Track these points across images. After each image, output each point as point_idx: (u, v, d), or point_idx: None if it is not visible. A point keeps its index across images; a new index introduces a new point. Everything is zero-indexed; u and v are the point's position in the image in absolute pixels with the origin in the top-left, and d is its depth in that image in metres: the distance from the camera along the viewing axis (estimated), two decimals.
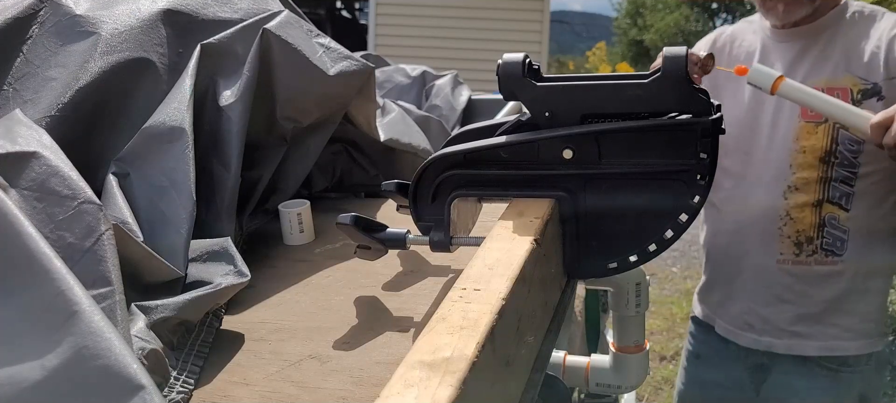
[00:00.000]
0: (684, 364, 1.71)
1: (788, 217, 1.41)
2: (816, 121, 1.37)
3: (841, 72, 1.37)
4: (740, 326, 1.52)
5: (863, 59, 1.35)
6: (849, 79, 1.36)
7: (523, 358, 0.54)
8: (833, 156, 1.37)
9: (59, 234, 0.53)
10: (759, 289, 1.47)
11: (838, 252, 1.39)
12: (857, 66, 1.35)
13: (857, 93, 1.35)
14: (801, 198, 1.39)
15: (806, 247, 1.41)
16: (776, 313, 1.46)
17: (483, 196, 0.75)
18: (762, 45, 1.50)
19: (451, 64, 3.24)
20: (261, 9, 0.92)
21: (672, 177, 0.67)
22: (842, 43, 1.39)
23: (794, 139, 1.40)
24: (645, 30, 21.31)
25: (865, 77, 1.34)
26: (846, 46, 1.38)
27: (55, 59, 0.80)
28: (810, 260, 1.41)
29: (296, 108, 0.89)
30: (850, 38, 1.38)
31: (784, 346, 1.46)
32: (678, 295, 4.53)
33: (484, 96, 1.95)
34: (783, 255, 1.43)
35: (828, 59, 1.39)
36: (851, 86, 1.35)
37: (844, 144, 1.35)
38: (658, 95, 0.65)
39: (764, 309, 1.47)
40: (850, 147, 1.35)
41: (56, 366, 0.42)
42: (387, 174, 1.09)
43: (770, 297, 1.46)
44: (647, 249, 0.70)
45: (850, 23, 1.40)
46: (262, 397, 0.55)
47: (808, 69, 1.41)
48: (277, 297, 0.73)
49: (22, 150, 0.58)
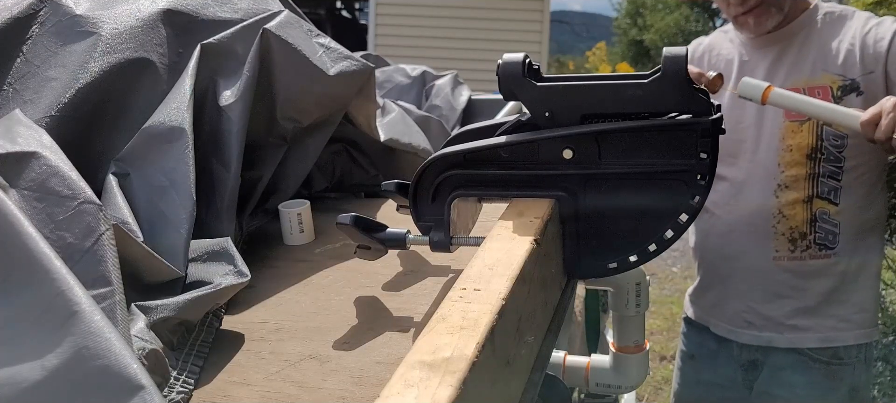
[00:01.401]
0: (679, 365, 1.73)
1: (781, 214, 1.45)
2: (800, 120, 1.41)
3: (819, 71, 1.41)
4: (739, 324, 1.54)
5: (838, 57, 1.39)
6: (827, 77, 1.40)
7: (523, 358, 0.54)
8: (819, 152, 1.41)
9: (59, 234, 0.53)
10: (757, 287, 1.50)
11: (831, 245, 1.43)
12: (834, 65, 1.40)
13: (836, 89, 1.39)
14: (791, 195, 1.42)
15: (800, 243, 1.44)
16: (775, 309, 1.48)
17: (483, 196, 0.75)
18: (739, 54, 1.54)
19: (451, 64, 3.24)
20: (261, 9, 0.92)
21: (672, 177, 0.67)
22: (816, 43, 1.44)
23: (780, 138, 1.43)
24: (645, 30, 21.30)
25: (843, 74, 1.38)
26: (821, 46, 1.43)
27: (55, 59, 0.80)
28: (805, 255, 1.44)
29: (296, 108, 0.89)
30: (824, 39, 1.44)
31: (785, 341, 1.48)
32: (678, 295, 4.53)
33: (484, 96, 1.95)
34: (779, 252, 1.46)
35: (805, 60, 1.44)
36: (830, 83, 1.39)
37: (829, 140, 1.40)
38: (658, 95, 0.65)
39: (762, 306, 1.50)
40: (835, 142, 1.39)
41: (56, 366, 0.42)
42: (387, 174, 1.09)
43: (768, 294, 1.49)
44: (647, 249, 0.70)
45: (822, 24, 1.45)
46: (262, 397, 0.55)
47: (787, 72, 1.45)
48: (277, 297, 0.73)
49: (22, 150, 0.58)
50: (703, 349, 1.63)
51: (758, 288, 1.49)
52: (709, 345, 1.61)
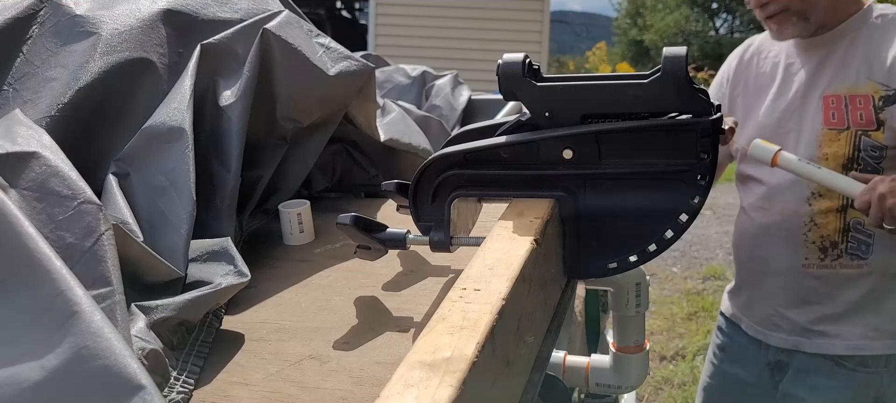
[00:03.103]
0: (710, 357, 1.74)
1: (813, 222, 1.42)
2: (838, 128, 1.37)
3: (863, 78, 1.36)
4: (768, 326, 1.54)
5: (885, 64, 1.33)
6: (870, 85, 1.35)
7: (523, 358, 0.54)
8: (855, 162, 1.36)
9: (59, 234, 0.53)
10: (785, 292, 1.49)
11: (863, 255, 1.40)
12: (879, 72, 1.34)
13: (878, 99, 1.34)
14: (825, 203, 1.40)
15: (831, 252, 1.42)
16: (802, 314, 1.47)
17: (483, 196, 0.75)
18: (786, 56, 1.51)
19: (451, 64, 3.24)
20: (261, 9, 0.92)
21: (672, 178, 0.67)
22: (863, 48, 1.38)
23: (816, 146, 1.40)
24: (645, 30, 21.30)
25: (886, 83, 1.33)
26: (868, 52, 1.37)
27: (55, 59, 0.80)
28: (835, 264, 1.42)
29: (296, 108, 0.89)
30: (873, 43, 1.37)
31: (813, 345, 1.47)
32: (678, 295, 4.53)
33: (484, 96, 1.95)
34: (808, 260, 1.44)
35: (849, 67, 1.38)
36: (873, 93, 1.35)
37: (867, 151, 1.35)
38: (658, 95, 0.65)
39: (790, 311, 1.49)
40: (873, 153, 1.35)
41: (56, 366, 0.42)
42: (387, 174, 1.09)
43: (796, 299, 1.47)
44: (647, 249, 0.70)
45: (873, 27, 1.39)
46: (262, 397, 0.55)
47: (831, 78, 1.40)
48: (277, 297, 0.73)
49: (22, 150, 0.58)
50: (734, 345, 1.64)
51: (786, 293, 1.48)
52: (739, 342, 1.62)
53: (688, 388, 3.22)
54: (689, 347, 3.66)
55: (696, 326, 3.98)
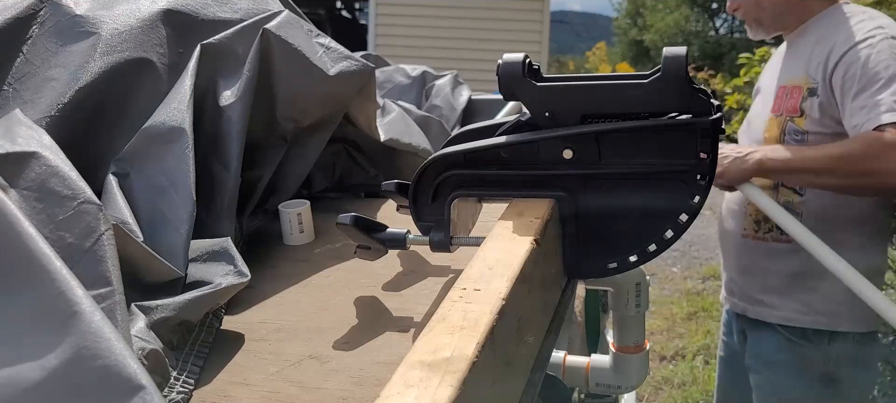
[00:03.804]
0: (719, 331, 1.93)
1: None
2: (776, 114, 1.56)
3: (801, 71, 1.53)
4: (729, 292, 1.75)
5: (815, 60, 1.50)
6: (804, 78, 1.52)
7: (523, 358, 0.54)
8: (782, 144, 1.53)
9: (59, 234, 0.53)
10: (733, 259, 1.70)
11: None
12: (813, 66, 1.50)
13: (806, 90, 1.51)
14: (761, 180, 1.55)
15: (763, 225, 1.60)
16: (747, 283, 1.67)
17: (483, 196, 0.75)
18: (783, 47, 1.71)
19: (451, 64, 3.24)
20: (261, 9, 0.92)
21: (672, 177, 0.67)
22: (812, 43, 1.53)
23: (763, 130, 1.60)
24: (645, 30, 21.30)
25: (814, 76, 1.49)
26: (813, 46, 1.52)
27: (55, 59, 0.80)
28: (767, 236, 1.59)
29: (296, 108, 0.89)
30: (821, 38, 1.52)
31: (754, 312, 1.65)
32: (678, 295, 4.53)
33: (484, 96, 1.95)
34: (746, 230, 1.64)
35: (798, 61, 1.56)
36: (804, 84, 1.51)
37: (791, 135, 1.53)
38: (658, 95, 0.65)
39: (738, 278, 1.69)
40: (795, 138, 1.52)
41: (56, 367, 0.42)
42: (387, 174, 1.09)
43: (740, 267, 1.68)
44: (647, 249, 0.70)
45: (830, 24, 1.53)
46: (262, 397, 0.55)
47: (787, 70, 1.59)
48: (277, 297, 0.73)
49: (22, 150, 0.58)
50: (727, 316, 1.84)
51: (734, 260, 1.70)
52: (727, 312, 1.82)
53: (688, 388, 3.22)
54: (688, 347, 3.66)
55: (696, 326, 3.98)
